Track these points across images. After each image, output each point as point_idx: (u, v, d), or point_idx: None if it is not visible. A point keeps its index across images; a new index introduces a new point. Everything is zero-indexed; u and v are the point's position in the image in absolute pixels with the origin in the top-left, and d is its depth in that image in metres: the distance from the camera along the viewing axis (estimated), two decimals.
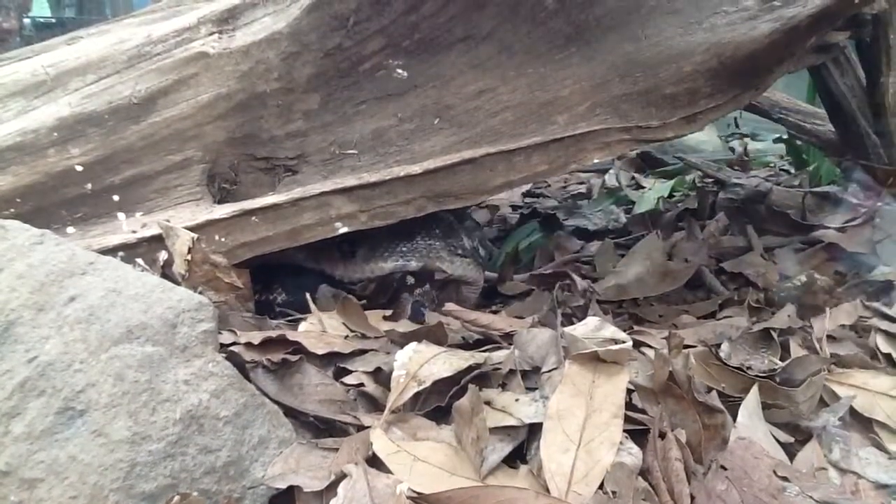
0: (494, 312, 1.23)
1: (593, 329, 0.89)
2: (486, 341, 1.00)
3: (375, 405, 0.85)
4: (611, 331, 0.88)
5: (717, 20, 1.28)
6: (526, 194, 2.55)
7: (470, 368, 0.85)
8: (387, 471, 0.71)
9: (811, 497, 0.72)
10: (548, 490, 0.69)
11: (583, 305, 1.29)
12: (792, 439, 0.84)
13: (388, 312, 1.16)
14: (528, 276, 1.56)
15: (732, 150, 2.82)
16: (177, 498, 0.69)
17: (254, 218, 1.09)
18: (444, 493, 0.66)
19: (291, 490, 0.72)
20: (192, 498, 0.69)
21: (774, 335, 1.06)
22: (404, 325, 1.08)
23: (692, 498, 0.70)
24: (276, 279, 1.22)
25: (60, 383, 0.69)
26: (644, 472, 0.73)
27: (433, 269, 1.29)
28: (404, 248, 1.26)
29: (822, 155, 2.07)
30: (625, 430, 0.75)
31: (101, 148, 1.07)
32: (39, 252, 0.78)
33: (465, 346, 0.98)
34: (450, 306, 1.12)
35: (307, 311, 1.09)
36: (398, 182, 1.15)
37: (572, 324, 0.93)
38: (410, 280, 1.28)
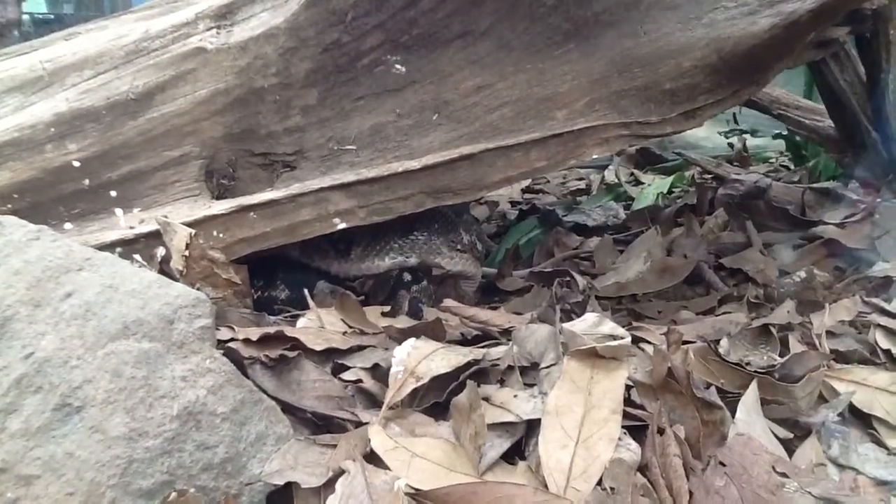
0: (493, 309, 1.23)
1: (592, 325, 0.88)
2: (484, 337, 1.00)
3: (373, 401, 0.85)
4: (609, 327, 0.87)
5: (717, 15, 1.27)
6: (525, 190, 2.54)
7: (468, 364, 0.85)
8: (385, 467, 0.70)
9: (810, 493, 0.71)
10: (546, 486, 0.68)
11: (581, 301, 1.28)
12: (791, 435, 0.84)
13: (386, 308, 1.16)
14: (527, 272, 1.56)
15: (731, 146, 2.81)
16: (174, 494, 0.68)
17: (252, 214, 1.08)
18: (442, 490, 0.66)
19: (289, 486, 0.72)
20: (189, 494, 0.69)
21: (773, 331, 1.06)
22: (402, 322, 1.08)
23: (691, 494, 0.70)
24: (276, 276, 1.21)
25: (57, 380, 0.69)
26: (643, 469, 0.73)
27: (432, 265, 1.29)
28: (403, 245, 1.26)
29: (821, 151, 2.07)
30: (623, 426, 0.75)
31: (98, 144, 1.07)
32: (36, 248, 0.78)
33: (464, 342, 0.97)
34: (448, 302, 1.12)
35: (306, 307, 1.09)
36: (396, 178, 1.14)
37: (571, 320, 0.93)
38: (408, 276, 1.28)
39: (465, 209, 1.40)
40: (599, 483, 0.69)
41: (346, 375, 0.88)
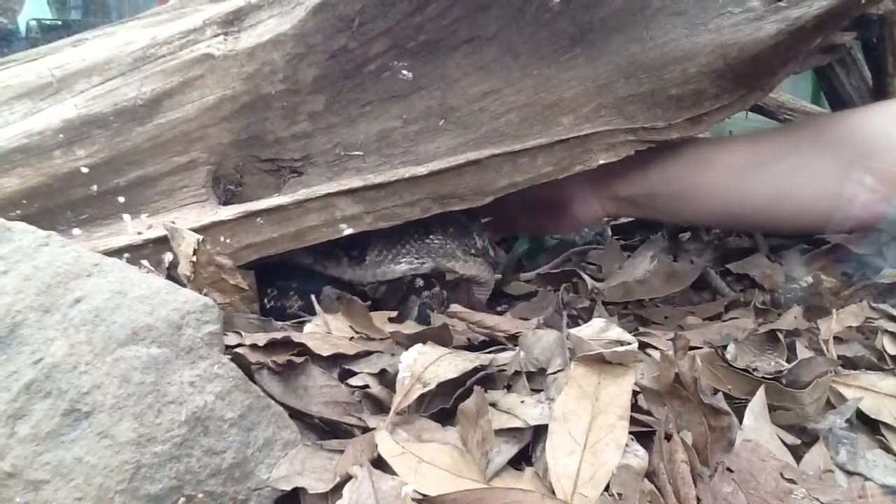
0: (500, 314, 1.23)
1: (599, 330, 0.89)
2: (491, 343, 1.00)
3: (380, 407, 0.85)
4: (616, 332, 0.87)
5: (723, 21, 1.27)
6: None
7: (475, 370, 0.85)
8: (392, 472, 0.71)
9: (818, 500, 0.71)
10: (553, 492, 0.68)
11: (588, 307, 1.28)
12: (798, 441, 0.84)
13: (394, 314, 1.16)
14: (535, 274, 1.57)
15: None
16: (182, 500, 0.69)
17: (259, 219, 1.09)
18: (449, 495, 0.66)
19: (297, 492, 0.72)
20: (197, 500, 0.69)
21: (781, 337, 1.06)
22: (409, 327, 1.08)
23: (698, 500, 0.70)
24: (290, 285, 1.21)
25: (66, 385, 0.69)
26: (650, 475, 0.73)
27: (446, 270, 1.28)
28: (419, 249, 1.25)
29: None
30: (630, 432, 0.74)
31: (106, 150, 1.07)
32: (45, 254, 0.78)
33: (471, 347, 0.97)
34: (455, 308, 1.12)
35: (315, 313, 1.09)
36: (403, 183, 1.14)
37: (578, 325, 0.93)
38: (420, 282, 1.28)
39: (477, 214, 1.40)
40: (607, 489, 0.69)
41: (353, 381, 0.88)
